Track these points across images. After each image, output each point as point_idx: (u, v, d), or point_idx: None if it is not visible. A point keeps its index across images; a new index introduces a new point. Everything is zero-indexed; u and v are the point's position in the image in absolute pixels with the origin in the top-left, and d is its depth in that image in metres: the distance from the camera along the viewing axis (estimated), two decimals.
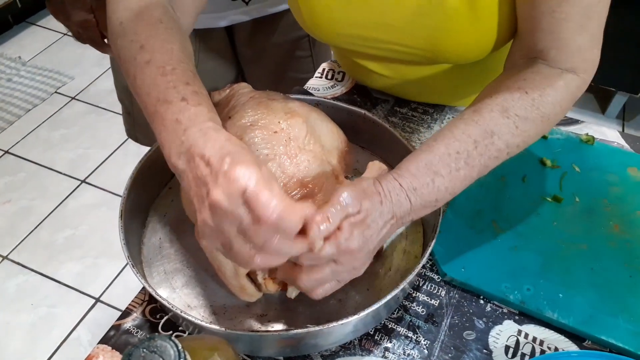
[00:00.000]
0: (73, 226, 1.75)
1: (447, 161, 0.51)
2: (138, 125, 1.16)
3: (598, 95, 2.24)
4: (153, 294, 0.52)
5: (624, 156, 0.75)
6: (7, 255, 1.67)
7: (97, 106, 2.15)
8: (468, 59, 0.66)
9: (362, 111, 0.72)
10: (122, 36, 0.53)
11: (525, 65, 0.57)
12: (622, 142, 0.79)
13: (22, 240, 1.71)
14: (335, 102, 0.73)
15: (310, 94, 0.82)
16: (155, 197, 0.69)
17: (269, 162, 0.56)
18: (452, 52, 0.65)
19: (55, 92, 2.20)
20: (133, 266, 0.55)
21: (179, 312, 0.51)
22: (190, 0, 0.59)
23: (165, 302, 0.52)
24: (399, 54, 0.69)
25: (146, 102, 0.49)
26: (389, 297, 0.52)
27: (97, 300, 1.56)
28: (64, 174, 1.90)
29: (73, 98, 2.19)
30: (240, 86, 0.69)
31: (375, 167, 0.61)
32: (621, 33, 1.91)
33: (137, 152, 2.10)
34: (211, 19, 0.97)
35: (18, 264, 1.65)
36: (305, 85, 0.87)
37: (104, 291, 1.59)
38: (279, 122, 0.59)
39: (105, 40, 0.99)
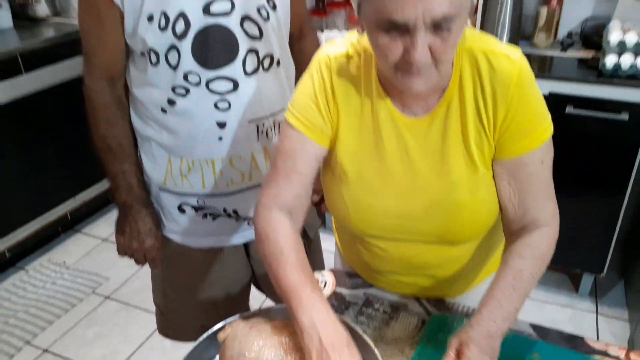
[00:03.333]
0: None
1: (501, 292, 0.89)
2: (170, 323, 1.44)
3: (570, 275, 2.51)
4: None
5: (530, 344, 1.00)
6: None
7: (128, 304, 2.45)
8: (469, 238, 0.98)
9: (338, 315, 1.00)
10: (264, 244, 0.94)
11: (517, 234, 0.94)
12: (531, 331, 1.05)
13: None
14: None
15: None
16: None
17: None
18: (458, 234, 0.96)
19: (93, 292, 2.53)
20: None
21: None
22: (301, 212, 0.99)
23: None
24: (415, 234, 0.98)
25: (286, 286, 0.86)
26: None
27: None
28: None
29: (107, 297, 2.50)
30: (238, 324, 0.92)
31: None
32: (583, 217, 2.17)
33: (161, 345, 2.34)
34: (230, 237, 1.31)
35: None
36: None
37: None
38: (283, 338, 0.87)
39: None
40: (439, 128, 0.92)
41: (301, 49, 1.32)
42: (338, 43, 0.97)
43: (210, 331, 0.95)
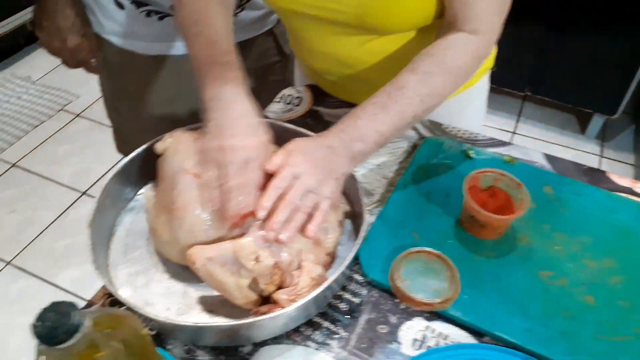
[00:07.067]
0: (73, 235, 1.87)
1: (366, 109, 0.70)
2: (126, 139, 1.27)
3: (578, 116, 2.32)
4: (113, 292, 0.62)
5: (542, 175, 0.84)
6: (11, 261, 1.79)
7: (100, 123, 2.28)
8: (392, 29, 0.80)
9: (311, 133, 0.81)
10: (182, 8, 0.76)
11: (444, 32, 0.74)
12: (545, 162, 0.88)
13: (25, 247, 1.83)
14: (286, 124, 0.82)
15: (268, 118, 0.92)
16: (122, 209, 0.79)
17: None
18: (379, 17, 0.77)
19: (62, 109, 2.35)
20: (96, 268, 0.65)
21: (135, 308, 0.61)
22: None
23: (123, 299, 0.62)
24: (334, 13, 0.79)
25: (196, 61, 0.74)
26: (316, 292, 0.61)
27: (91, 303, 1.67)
28: (67, 186, 2.03)
29: (78, 115, 2.32)
30: (181, 135, 0.76)
31: None
32: (598, 58, 2.00)
33: None
34: (181, 43, 1.07)
35: (21, 269, 1.77)
36: (265, 110, 0.97)
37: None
38: None
39: (93, 61, 1.12)
40: None
41: None
42: None
43: (146, 145, 0.77)
